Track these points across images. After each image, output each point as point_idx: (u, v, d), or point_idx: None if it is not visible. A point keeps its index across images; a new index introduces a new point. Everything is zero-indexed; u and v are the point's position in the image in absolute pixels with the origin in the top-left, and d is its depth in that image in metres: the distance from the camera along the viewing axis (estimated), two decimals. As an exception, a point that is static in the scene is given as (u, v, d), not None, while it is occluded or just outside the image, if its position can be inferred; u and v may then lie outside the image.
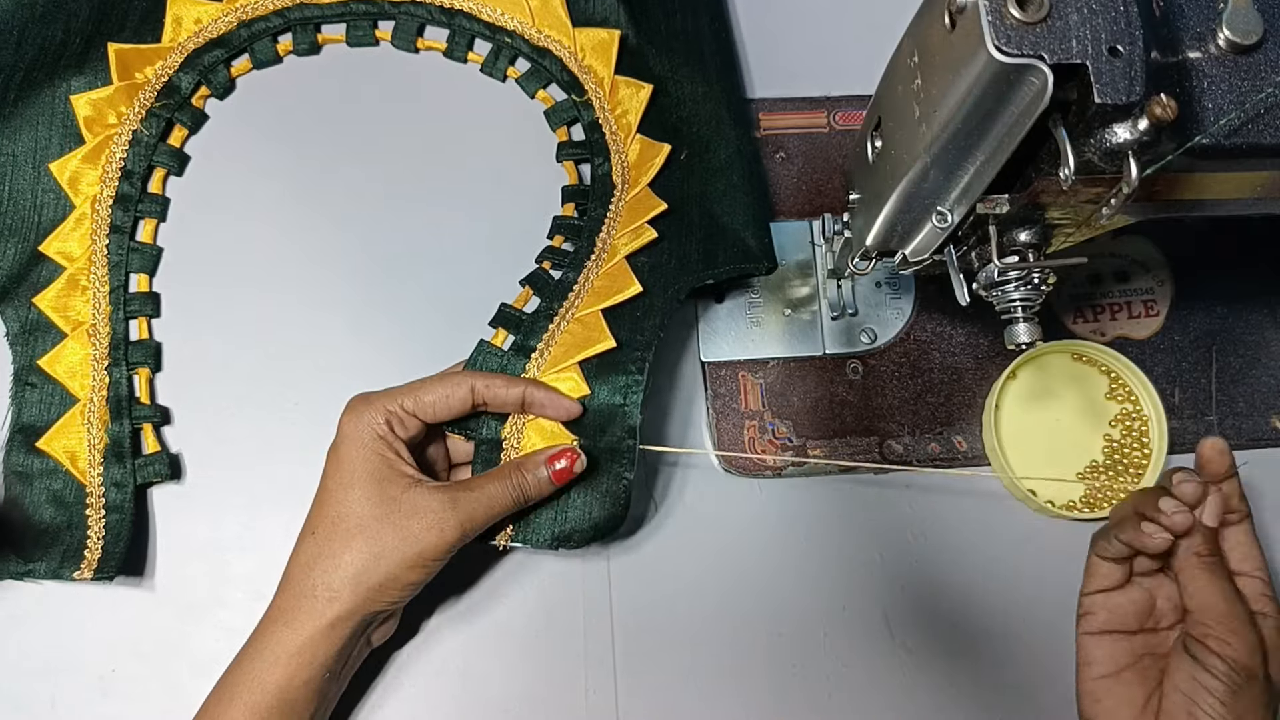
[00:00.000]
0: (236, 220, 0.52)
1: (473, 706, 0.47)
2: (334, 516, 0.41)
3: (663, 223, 0.50)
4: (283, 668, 0.39)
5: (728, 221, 0.51)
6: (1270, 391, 0.54)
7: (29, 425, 0.47)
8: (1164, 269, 0.56)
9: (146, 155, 0.52)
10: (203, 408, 0.50)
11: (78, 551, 0.45)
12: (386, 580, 0.40)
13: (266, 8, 0.54)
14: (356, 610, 0.40)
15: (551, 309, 0.48)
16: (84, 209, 0.50)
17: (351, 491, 0.41)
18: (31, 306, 0.48)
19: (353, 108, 0.54)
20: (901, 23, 0.36)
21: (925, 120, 0.34)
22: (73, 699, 0.46)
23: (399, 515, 0.40)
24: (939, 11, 0.32)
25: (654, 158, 0.52)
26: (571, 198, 0.53)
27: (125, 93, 0.52)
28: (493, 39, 0.55)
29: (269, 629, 0.40)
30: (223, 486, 0.49)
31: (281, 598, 0.41)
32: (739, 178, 0.51)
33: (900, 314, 0.54)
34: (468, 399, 0.44)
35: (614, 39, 0.54)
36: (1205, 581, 0.39)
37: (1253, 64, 0.33)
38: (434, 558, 0.41)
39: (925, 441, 0.52)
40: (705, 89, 0.53)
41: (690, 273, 0.49)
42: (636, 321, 0.48)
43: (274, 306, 0.51)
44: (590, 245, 0.50)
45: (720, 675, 0.48)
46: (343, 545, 0.40)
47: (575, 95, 0.54)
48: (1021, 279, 0.39)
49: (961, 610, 0.50)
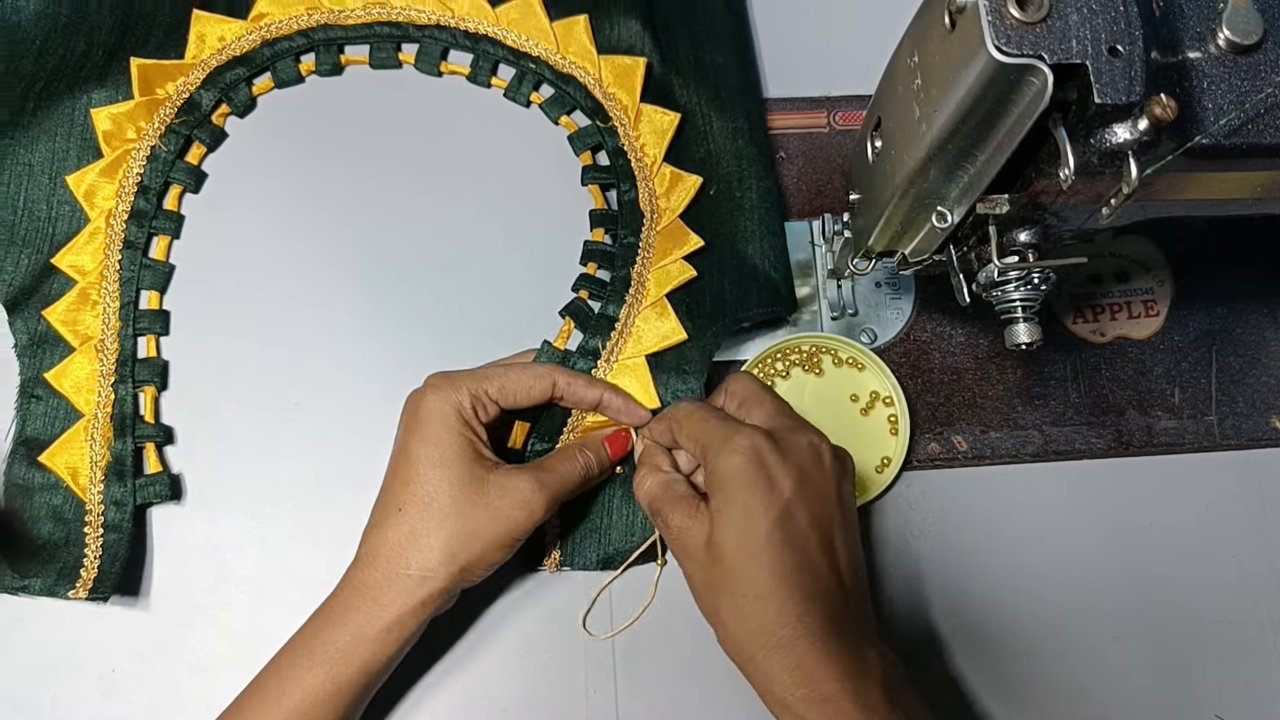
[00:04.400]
0: (251, 239, 0.52)
1: (473, 707, 0.47)
2: (424, 496, 0.41)
3: (696, 258, 0.50)
4: (369, 644, 0.40)
5: (757, 262, 0.51)
6: (1270, 391, 0.54)
7: (32, 438, 0.47)
8: (1164, 269, 0.56)
9: (164, 171, 0.51)
10: (203, 408, 0.50)
11: (74, 569, 0.45)
12: (478, 559, 0.41)
13: (290, 27, 0.54)
14: (447, 588, 0.41)
15: (595, 347, 0.49)
16: (98, 223, 0.50)
17: (442, 471, 0.41)
18: (41, 319, 0.48)
19: (374, 129, 0.54)
20: (901, 23, 0.36)
21: (925, 120, 0.34)
22: (73, 699, 0.46)
23: (489, 495, 0.41)
24: (939, 11, 0.32)
25: (683, 188, 0.52)
26: (600, 223, 0.53)
27: (145, 108, 0.52)
28: (517, 64, 0.55)
29: (358, 604, 0.41)
30: (223, 487, 0.49)
31: (367, 573, 0.41)
32: (767, 218, 0.51)
33: (900, 314, 0.54)
34: (548, 392, 0.45)
35: (639, 66, 0.54)
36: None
37: (1253, 64, 0.33)
38: (521, 536, 0.42)
39: (925, 441, 0.52)
40: (733, 125, 0.53)
41: (726, 312, 0.49)
42: (679, 368, 0.49)
43: (287, 316, 0.51)
44: (626, 277, 0.50)
45: (720, 675, 0.48)
46: (438, 525, 0.41)
47: (599, 121, 0.54)
48: (1021, 279, 0.39)
49: (961, 610, 0.50)
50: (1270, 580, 0.51)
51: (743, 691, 0.48)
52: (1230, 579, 0.51)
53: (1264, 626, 0.51)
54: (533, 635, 0.48)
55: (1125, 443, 0.53)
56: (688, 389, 0.48)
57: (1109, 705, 0.49)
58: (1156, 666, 0.50)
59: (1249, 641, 0.50)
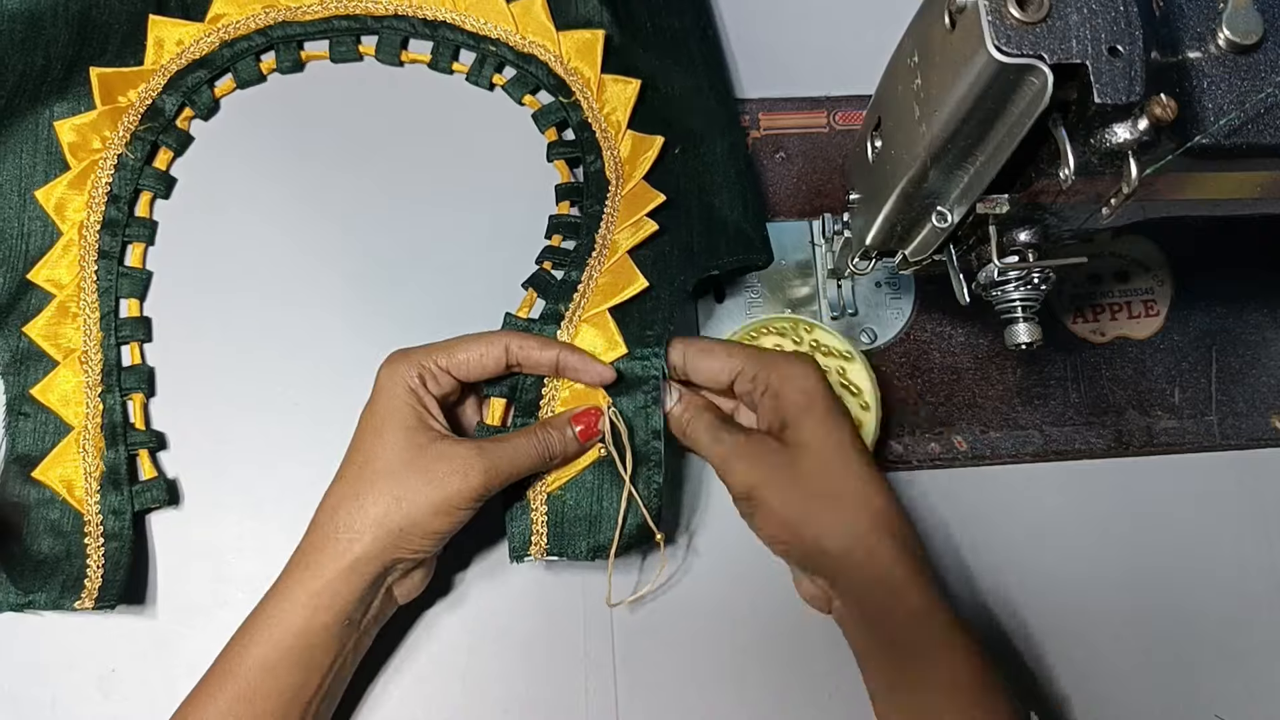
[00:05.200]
0: (225, 239, 0.52)
1: (473, 706, 0.47)
2: (360, 461, 0.42)
3: (662, 214, 0.50)
4: (301, 609, 0.40)
5: (726, 213, 0.50)
6: (1270, 391, 0.54)
7: (24, 455, 0.47)
8: (1164, 269, 0.56)
9: (132, 179, 0.51)
10: (202, 409, 0.50)
11: (78, 581, 0.45)
12: (408, 524, 0.41)
13: (248, 27, 0.54)
14: (378, 554, 0.41)
15: (558, 311, 0.48)
16: (71, 235, 0.50)
17: (380, 438, 0.42)
18: (22, 335, 0.48)
19: (339, 124, 0.54)
20: (901, 23, 0.36)
21: (925, 120, 0.34)
22: (72, 699, 0.46)
23: (425, 460, 0.41)
24: (939, 11, 0.32)
25: (647, 151, 0.52)
26: (566, 195, 0.53)
27: (109, 117, 0.51)
28: (477, 48, 0.55)
29: (291, 572, 0.41)
30: (222, 487, 0.49)
31: (305, 541, 0.42)
32: (734, 172, 0.51)
33: (900, 314, 0.54)
34: (502, 358, 0.44)
35: (598, 39, 0.54)
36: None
37: (1253, 64, 0.33)
38: (459, 505, 0.41)
39: (925, 441, 0.52)
40: (694, 84, 0.53)
41: (694, 263, 0.49)
42: (645, 317, 0.47)
43: (269, 314, 0.51)
44: (590, 242, 0.50)
45: (720, 675, 0.48)
46: (368, 487, 0.41)
47: (563, 97, 0.54)
48: (1021, 279, 0.40)
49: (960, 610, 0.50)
50: (1270, 580, 0.51)
51: (743, 691, 0.48)
52: (1230, 579, 0.51)
53: (1264, 626, 0.51)
54: (533, 635, 0.48)
55: (1125, 443, 0.53)
56: (655, 335, 0.47)
57: (1109, 705, 0.49)
58: (1156, 666, 0.50)
59: (1249, 641, 0.50)
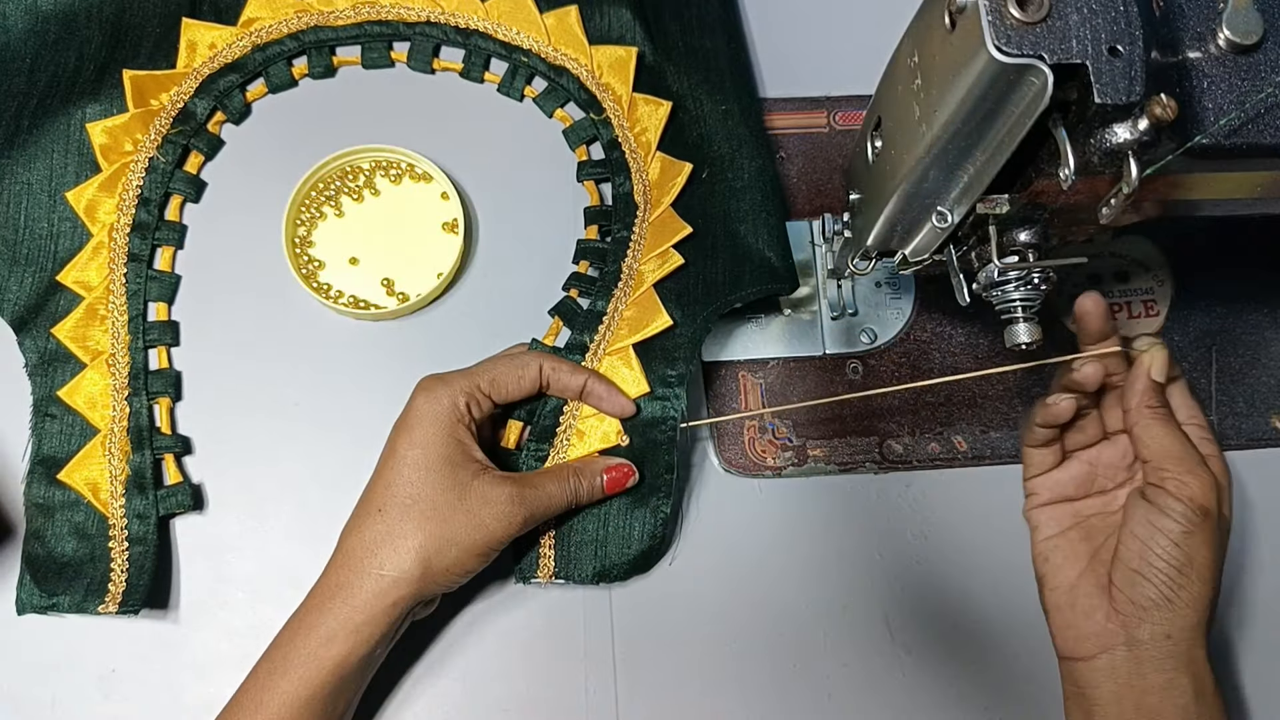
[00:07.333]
0: (253, 245, 0.52)
1: (473, 706, 0.47)
2: (406, 499, 0.41)
3: (687, 246, 0.50)
4: (341, 644, 0.40)
5: (751, 241, 0.50)
6: (1270, 391, 0.54)
7: (49, 457, 0.47)
8: (1164, 269, 0.56)
9: (163, 182, 0.51)
10: (204, 412, 0.50)
11: (102, 585, 0.45)
12: (453, 565, 0.41)
13: (281, 31, 0.54)
14: (421, 592, 0.41)
15: (583, 343, 0.48)
16: (101, 237, 0.50)
17: (427, 474, 0.42)
18: (50, 337, 0.48)
19: (369, 130, 0.54)
20: (901, 23, 0.36)
21: (925, 120, 0.34)
22: (73, 699, 0.46)
23: (470, 502, 0.41)
24: (939, 11, 0.32)
25: (675, 176, 0.52)
26: (594, 219, 0.53)
27: (141, 119, 0.51)
28: (509, 59, 0.55)
29: (327, 604, 0.41)
30: (223, 486, 0.49)
31: (340, 574, 0.41)
32: (761, 197, 0.51)
33: (900, 314, 0.54)
34: (537, 379, 0.46)
35: (631, 56, 0.54)
36: (1159, 430, 0.42)
37: (1253, 64, 0.33)
38: (497, 547, 0.42)
39: (925, 441, 0.52)
40: (725, 107, 0.53)
41: (717, 296, 0.49)
42: (668, 355, 0.48)
43: (284, 318, 0.51)
44: (616, 271, 0.50)
45: (720, 675, 0.48)
46: (415, 528, 0.41)
47: (593, 114, 0.54)
48: (1021, 279, 0.39)
49: (961, 610, 0.50)
50: (1270, 580, 0.51)
51: (743, 691, 0.48)
52: (1229, 578, 0.51)
53: (1264, 626, 0.51)
54: (533, 635, 0.48)
55: (1125, 443, 0.53)
56: (677, 375, 0.48)
57: (1109, 705, 0.49)
58: (1156, 666, 0.50)
59: (1249, 641, 0.50)
